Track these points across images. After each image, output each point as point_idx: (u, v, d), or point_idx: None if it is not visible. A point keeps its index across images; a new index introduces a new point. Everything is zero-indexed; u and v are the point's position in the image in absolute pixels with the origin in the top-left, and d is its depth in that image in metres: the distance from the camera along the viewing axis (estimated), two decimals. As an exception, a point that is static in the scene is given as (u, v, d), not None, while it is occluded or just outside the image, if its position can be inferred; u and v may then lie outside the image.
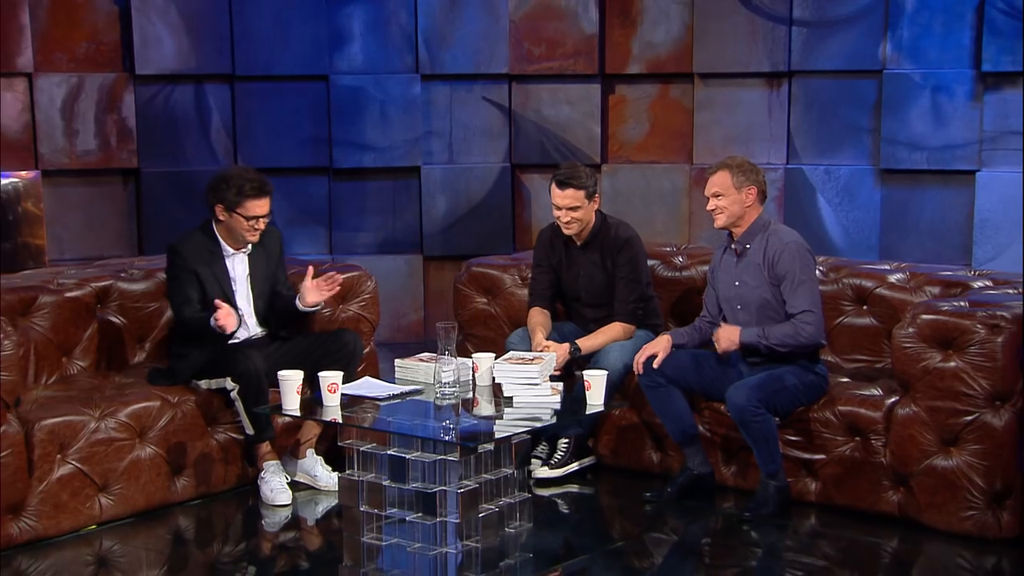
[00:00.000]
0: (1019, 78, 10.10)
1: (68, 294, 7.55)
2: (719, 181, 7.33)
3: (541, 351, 7.67)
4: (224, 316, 7.28)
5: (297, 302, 7.51)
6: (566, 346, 7.65)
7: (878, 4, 10.44)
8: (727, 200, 7.27)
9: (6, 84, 10.02)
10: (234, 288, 7.47)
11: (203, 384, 7.29)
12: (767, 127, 10.67)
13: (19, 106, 9.93)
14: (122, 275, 7.87)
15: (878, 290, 7.86)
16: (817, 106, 10.61)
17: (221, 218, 7.41)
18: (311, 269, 7.63)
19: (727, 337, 7.18)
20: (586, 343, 7.69)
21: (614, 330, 7.75)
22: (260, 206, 7.43)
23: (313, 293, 7.49)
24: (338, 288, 7.66)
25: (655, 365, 7.35)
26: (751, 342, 7.16)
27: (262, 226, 7.47)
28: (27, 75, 9.92)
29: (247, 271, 7.54)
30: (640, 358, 7.37)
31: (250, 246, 7.52)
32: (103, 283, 7.72)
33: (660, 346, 7.32)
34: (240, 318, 7.48)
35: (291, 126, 10.70)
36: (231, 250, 7.49)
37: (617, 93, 10.75)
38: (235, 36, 10.42)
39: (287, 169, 10.64)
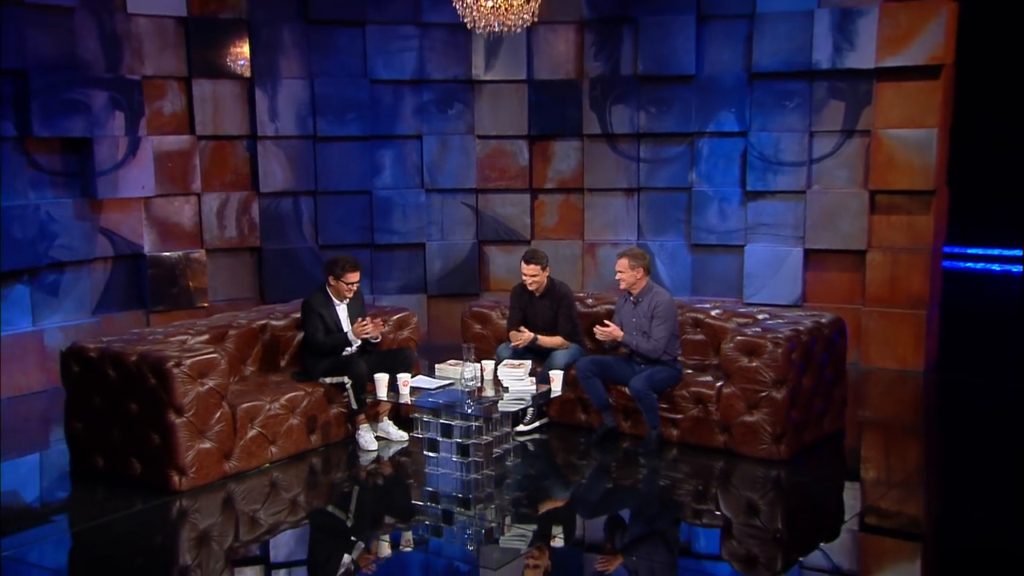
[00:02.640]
0: (767, 195, 10.27)
1: (243, 328, 7.73)
2: (621, 265, 7.73)
3: (520, 335, 7.99)
4: (360, 329, 7.63)
5: (352, 337, 7.73)
6: (531, 334, 7.91)
7: (687, 150, 10.46)
8: (626, 275, 7.63)
9: (184, 200, 9.91)
10: (341, 324, 7.66)
11: (328, 380, 7.54)
12: (626, 220, 10.75)
13: (192, 212, 9.90)
14: (272, 316, 8.04)
15: (705, 320, 8.28)
16: (655, 207, 10.67)
17: (331, 283, 7.62)
18: (365, 321, 7.79)
19: (615, 333, 7.54)
20: (543, 339, 7.92)
21: (557, 340, 8.00)
22: (354, 277, 7.68)
23: (366, 330, 7.68)
24: (381, 327, 7.82)
25: (600, 336, 7.74)
26: (628, 343, 7.59)
27: (355, 288, 7.72)
28: (197, 194, 9.88)
29: (347, 314, 7.70)
30: (604, 337, 7.76)
31: (347, 299, 7.80)
32: (261, 320, 7.90)
33: (614, 331, 7.67)
34: (346, 343, 7.77)
35: (349, 220, 10.66)
36: (338, 302, 7.69)
37: (539, 199, 10.77)
38: (317, 168, 10.38)
39: (347, 245, 10.47)
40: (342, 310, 7.63)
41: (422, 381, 7.24)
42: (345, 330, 7.66)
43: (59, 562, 6.31)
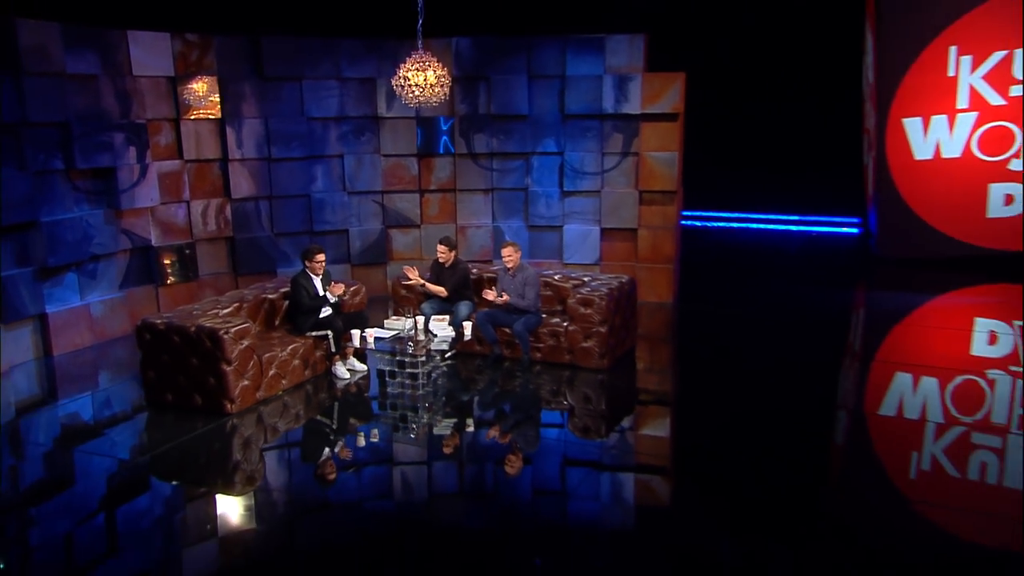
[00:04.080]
0: (576, 193, 10.40)
1: (251, 301, 7.76)
2: (509, 251, 7.98)
3: (412, 271, 8.13)
4: (334, 289, 7.62)
5: (329, 296, 7.68)
6: (418, 277, 8.00)
7: (523, 164, 10.53)
8: (513, 258, 7.85)
9: (178, 206, 9.54)
10: (318, 291, 7.62)
11: (313, 334, 7.67)
12: (484, 210, 10.68)
13: (183, 214, 9.50)
14: (266, 291, 8.04)
15: (552, 283, 8.46)
16: (503, 201, 10.68)
17: (307, 264, 7.61)
18: (335, 284, 7.78)
19: (500, 298, 7.74)
20: (429, 285, 8.01)
21: (440, 289, 8.04)
22: (321, 257, 7.64)
23: (335, 291, 7.70)
24: (344, 290, 7.85)
25: (489, 297, 7.91)
26: (511, 303, 7.81)
27: (323, 265, 7.67)
28: (187, 201, 9.42)
29: (321, 283, 7.67)
30: (491, 298, 7.91)
31: (320, 275, 7.68)
32: (262, 295, 7.93)
33: (499, 296, 7.86)
34: (325, 303, 7.68)
35: (295, 215, 10.32)
36: (314, 277, 7.62)
37: (425, 197, 10.60)
38: (271, 180, 10.03)
39: (294, 232, 10.39)
40: (318, 281, 7.63)
41: (379, 332, 7.47)
42: (322, 294, 7.65)
43: (148, 461, 6.41)
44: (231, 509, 5.82)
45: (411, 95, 7.35)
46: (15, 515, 5.62)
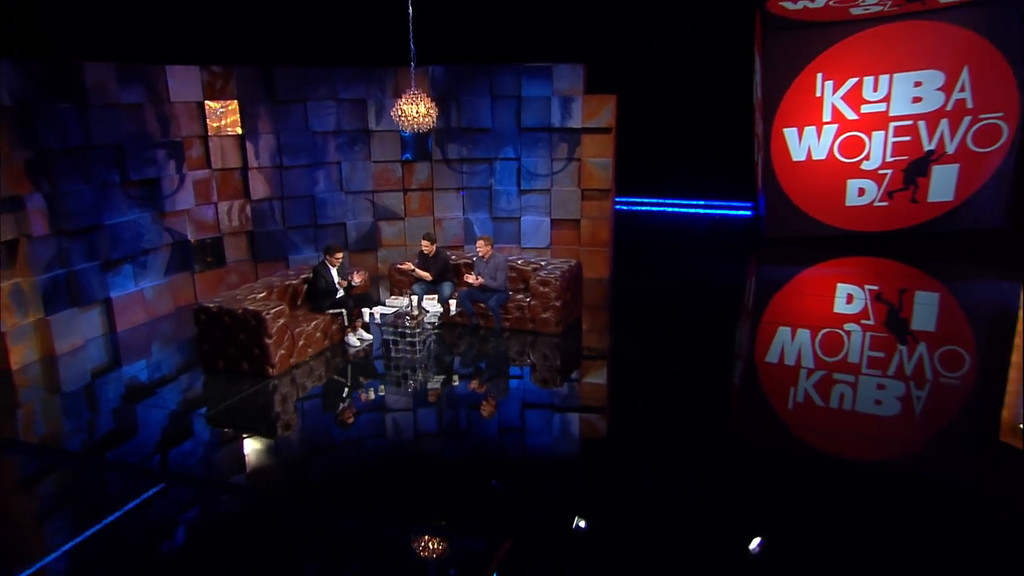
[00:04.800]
0: (531, 191, 10.32)
1: (279, 286, 7.81)
2: (481, 244, 7.93)
3: (406, 265, 8.13)
4: (358, 277, 7.65)
5: (356, 280, 7.68)
6: (411, 265, 8.11)
7: (488, 167, 10.37)
8: (486, 250, 7.89)
9: (208, 207, 9.52)
10: (334, 280, 7.75)
11: (331, 311, 7.78)
12: (456, 205, 10.60)
13: (212, 213, 9.46)
14: (289, 274, 8.20)
15: (517, 267, 8.41)
16: (472, 198, 10.57)
17: (327, 258, 7.74)
18: (358, 272, 7.81)
19: (479, 280, 7.78)
20: (418, 271, 8.06)
21: (426, 274, 8.11)
22: (339, 254, 7.78)
23: (358, 279, 7.76)
24: (364, 278, 7.85)
25: (469, 280, 7.85)
26: (486, 284, 7.84)
27: (340, 259, 7.77)
28: (215, 203, 9.48)
29: (336, 273, 7.78)
30: (472, 280, 7.84)
31: (336, 267, 7.76)
32: (286, 281, 7.95)
33: (477, 279, 7.83)
34: (339, 288, 7.76)
35: (302, 212, 10.15)
36: (332, 268, 7.76)
37: (408, 195, 10.47)
38: (283, 183, 9.95)
39: (301, 225, 10.21)
40: (334, 272, 7.77)
41: (383, 309, 7.64)
42: (336, 281, 7.75)
43: (206, 414, 6.54)
44: (275, 446, 6.09)
45: (407, 123, 7.58)
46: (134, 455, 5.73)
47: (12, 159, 7.28)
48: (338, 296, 7.88)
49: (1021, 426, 6.25)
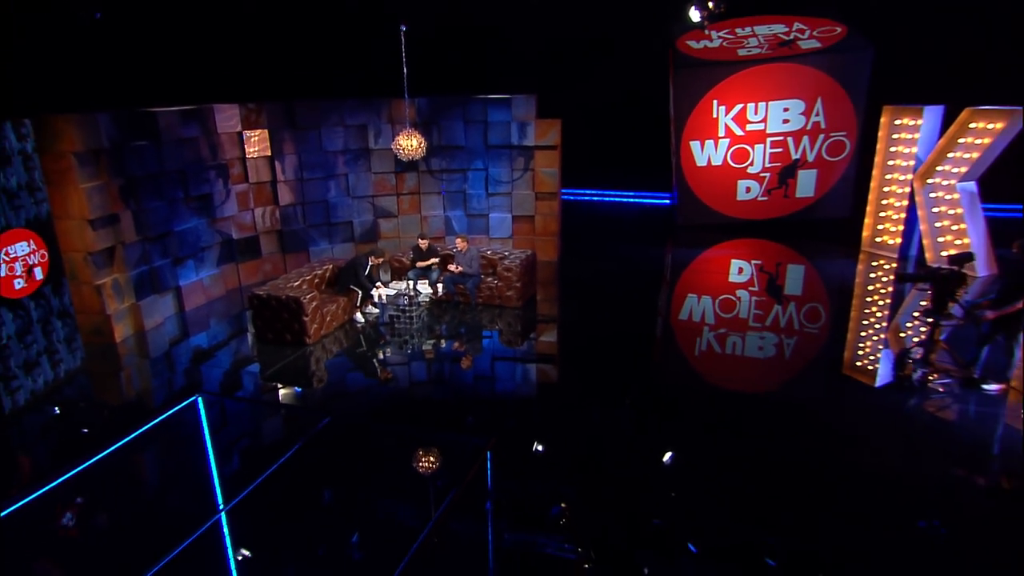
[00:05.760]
0: (496, 194, 10.45)
1: (312, 275, 8.32)
2: (459, 241, 8.25)
3: (419, 263, 8.08)
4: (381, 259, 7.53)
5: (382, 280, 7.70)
6: (424, 263, 8.19)
7: (462, 176, 10.59)
8: (464, 246, 8.21)
9: (247, 212, 9.67)
10: (366, 275, 8.04)
11: (351, 288, 8.15)
12: (438, 205, 10.87)
13: (250, 217, 9.49)
14: (315, 269, 8.52)
15: (488, 257, 8.55)
16: (451, 200, 10.73)
17: (369, 259, 8.09)
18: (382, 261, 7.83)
19: (459, 268, 8.00)
20: (420, 264, 8.20)
21: (430, 262, 8.33)
22: (374, 260, 8.09)
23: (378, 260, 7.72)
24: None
25: (452, 268, 8.07)
26: (465, 271, 8.03)
27: (379, 262, 8.07)
28: (251, 209, 9.60)
29: (369, 272, 7.99)
30: (454, 268, 7.99)
31: (369, 266, 7.97)
32: (318, 271, 8.41)
33: (457, 268, 8.04)
34: (374, 284, 7.85)
35: (318, 214, 10.22)
36: (368, 266, 8.01)
37: (400, 198, 10.55)
38: (303, 192, 10.01)
39: (317, 224, 10.32)
40: (368, 269, 8.16)
41: (387, 290, 8.20)
42: (369, 277, 8.01)
43: (257, 374, 7.01)
44: (317, 393, 6.61)
45: (404, 154, 8.23)
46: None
47: (110, 186, 7.95)
48: (367, 284, 8.37)
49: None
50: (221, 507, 3.44)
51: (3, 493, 3.58)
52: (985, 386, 6.23)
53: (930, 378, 6.34)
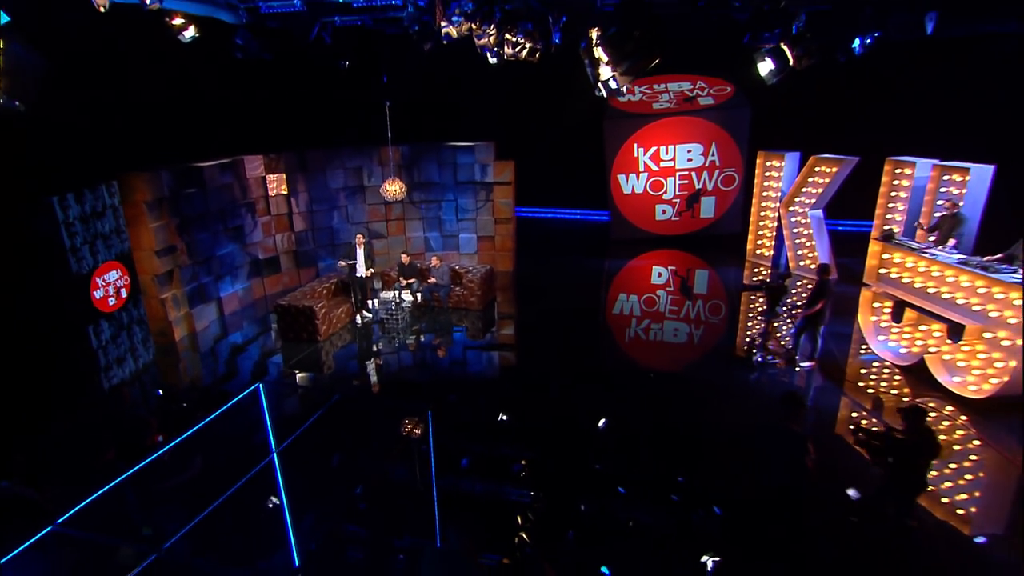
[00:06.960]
0: (465, 220, 11.48)
1: (324, 286, 9.12)
2: (434, 259, 8.99)
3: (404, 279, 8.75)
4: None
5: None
6: (409, 279, 8.86)
7: (438, 205, 11.27)
8: (440, 264, 8.74)
9: (269, 237, 10.72)
10: (359, 269, 8.67)
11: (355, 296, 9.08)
12: (420, 228, 11.43)
13: (272, 242, 10.30)
14: (323, 284, 9.37)
15: (456, 271, 9.16)
16: (428, 223, 11.48)
17: (384, 271, 8.87)
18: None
19: (433, 280, 8.31)
20: (404, 281, 8.76)
21: (412, 279, 8.98)
22: (392, 274, 8.75)
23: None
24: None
25: (429, 280, 8.58)
26: (438, 281, 8.53)
27: (391, 274, 8.69)
28: (274, 235, 10.46)
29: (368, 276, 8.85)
30: (430, 280, 8.45)
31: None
32: (327, 284, 9.25)
33: (434, 281, 8.54)
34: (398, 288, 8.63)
35: (326, 237, 10.89)
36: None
37: (389, 222, 11.15)
38: (312, 220, 10.80)
39: (324, 244, 11.22)
40: (377, 285, 8.75)
41: (381, 295, 9.17)
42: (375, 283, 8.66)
43: (281, 364, 7.78)
44: (325, 379, 7.43)
45: (389, 196, 9.30)
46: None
47: (169, 224, 8.93)
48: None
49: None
50: (274, 450, 4.42)
51: (145, 446, 4.70)
52: (801, 364, 7.43)
53: (767, 358, 7.50)
